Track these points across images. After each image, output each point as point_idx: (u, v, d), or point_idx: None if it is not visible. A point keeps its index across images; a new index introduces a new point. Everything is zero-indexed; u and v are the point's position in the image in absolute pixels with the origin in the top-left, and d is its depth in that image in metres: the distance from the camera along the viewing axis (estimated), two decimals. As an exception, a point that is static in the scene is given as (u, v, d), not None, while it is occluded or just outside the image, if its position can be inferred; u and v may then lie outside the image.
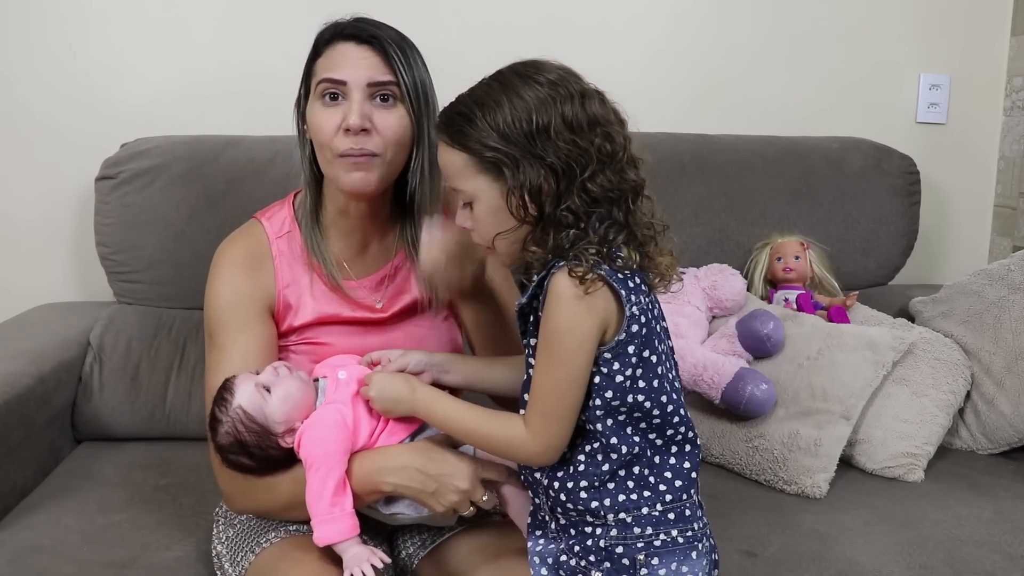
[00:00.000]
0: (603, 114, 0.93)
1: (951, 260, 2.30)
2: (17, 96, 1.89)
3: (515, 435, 0.96)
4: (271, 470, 1.09)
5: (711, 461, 1.63)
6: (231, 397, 1.07)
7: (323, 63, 1.14)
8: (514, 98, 0.91)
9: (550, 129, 0.90)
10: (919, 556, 1.31)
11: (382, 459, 1.05)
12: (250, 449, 1.07)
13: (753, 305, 1.77)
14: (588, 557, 0.97)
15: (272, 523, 1.16)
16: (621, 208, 0.93)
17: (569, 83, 0.93)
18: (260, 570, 1.10)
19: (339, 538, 1.02)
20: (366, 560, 1.00)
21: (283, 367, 1.10)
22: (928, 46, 2.21)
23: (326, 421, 1.05)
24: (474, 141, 0.92)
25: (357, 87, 1.10)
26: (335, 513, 1.01)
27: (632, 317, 0.91)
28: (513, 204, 0.91)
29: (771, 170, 1.98)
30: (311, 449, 1.04)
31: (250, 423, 1.06)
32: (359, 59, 1.11)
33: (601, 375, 0.93)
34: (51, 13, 1.88)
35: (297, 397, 1.07)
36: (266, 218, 1.23)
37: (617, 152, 0.92)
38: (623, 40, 2.07)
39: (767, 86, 2.16)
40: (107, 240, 1.76)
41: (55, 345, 1.64)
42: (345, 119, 1.10)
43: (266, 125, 1.87)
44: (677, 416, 0.97)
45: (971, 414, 1.70)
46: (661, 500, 0.97)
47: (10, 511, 1.38)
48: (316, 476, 1.02)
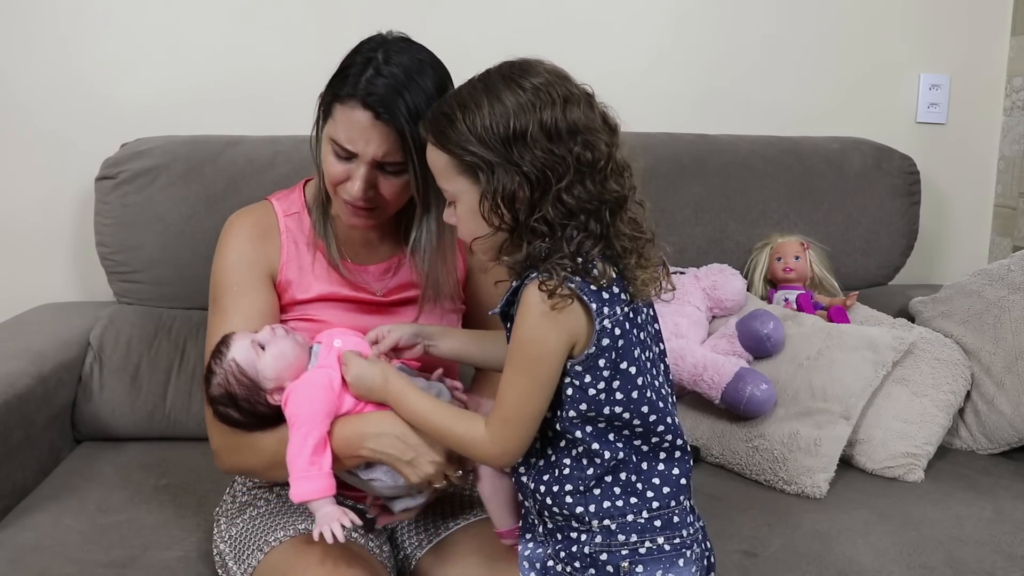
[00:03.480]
0: (586, 121, 0.91)
1: (951, 260, 2.30)
2: (17, 96, 1.89)
3: (476, 436, 0.97)
4: (258, 426, 1.12)
5: (711, 461, 1.63)
6: (227, 350, 1.10)
7: (339, 118, 1.11)
8: (494, 102, 0.90)
9: (527, 135, 0.88)
10: (919, 556, 1.31)
11: (364, 425, 1.06)
12: (239, 402, 1.10)
13: (753, 305, 1.77)
14: (573, 563, 0.97)
15: (280, 522, 1.16)
16: (600, 220, 0.91)
17: (553, 88, 0.91)
18: (273, 568, 1.10)
19: (314, 495, 1.03)
20: (336, 519, 1.01)
21: (281, 328, 1.13)
22: (928, 46, 2.21)
23: (313, 382, 1.07)
24: (453, 143, 0.92)
25: (365, 161, 1.11)
26: (312, 471, 1.02)
27: (603, 331, 0.91)
28: (485, 209, 0.91)
29: (771, 170, 1.98)
30: (296, 408, 1.06)
31: (241, 376, 1.09)
32: (372, 134, 1.09)
33: (573, 387, 0.93)
34: (51, 13, 1.88)
35: (290, 357, 1.09)
36: (276, 199, 1.28)
37: (598, 161, 0.90)
38: (624, 41, 2.07)
39: (767, 86, 2.16)
40: (107, 240, 1.76)
41: (55, 345, 1.64)
42: (350, 182, 1.12)
43: (266, 125, 1.88)
44: (662, 425, 0.96)
45: (971, 414, 1.70)
46: (648, 507, 0.96)
47: (10, 511, 1.38)
48: (298, 433, 1.04)
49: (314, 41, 1.94)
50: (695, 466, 1.58)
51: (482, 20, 2.01)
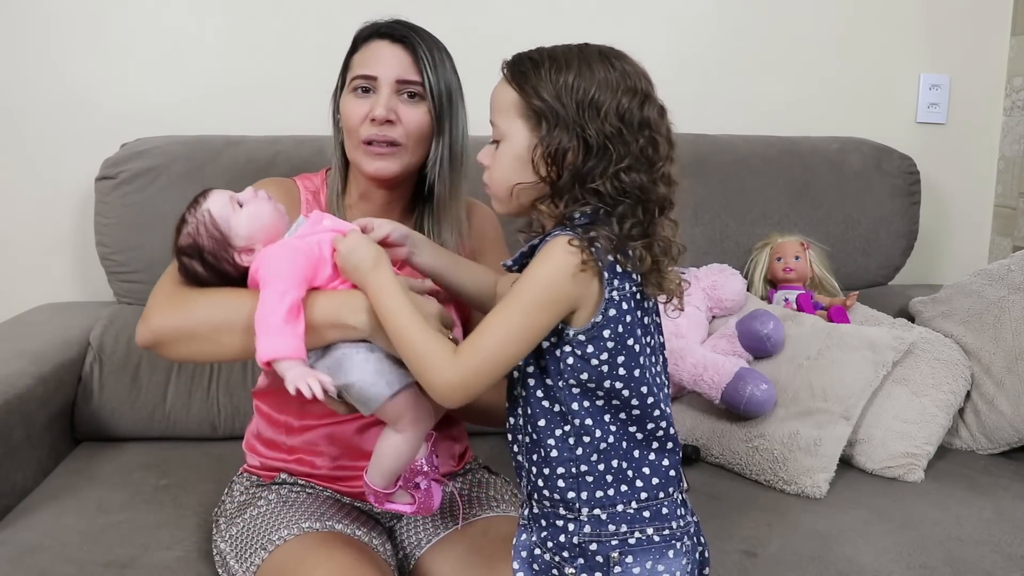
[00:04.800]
0: (656, 123, 0.95)
1: (951, 260, 2.30)
2: (17, 96, 1.89)
3: (440, 355, 0.93)
4: (217, 285, 1.09)
5: (711, 461, 1.63)
6: (203, 201, 1.09)
7: (359, 59, 1.23)
8: (584, 69, 0.93)
9: (601, 109, 0.92)
10: (919, 556, 1.31)
11: (352, 297, 1.03)
12: (205, 256, 1.08)
13: (753, 305, 1.77)
14: (562, 553, 0.97)
15: (283, 520, 1.16)
16: (648, 211, 0.94)
17: (640, 81, 0.95)
18: (281, 565, 1.09)
19: (285, 353, 0.97)
20: (311, 375, 0.95)
21: (264, 193, 1.11)
22: (928, 46, 2.21)
23: (294, 247, 1.04)
24: (529, 85, 0.94)
25: (386, 83, 1.19)
26: (286, 330, 0.97)
27: (610, 301, 0.92)
28: (537, 155, 0.93)
29: (771, 170, 1.98)
30: (274, 267, 1.01)
31: (213, 229, 1.07)
32: (391, 57, 1.20)
33: (575, 356, 0.93)
34: (51, 14, 1.88)
35: (266, 220, 1.08)
36: (300, 177, 1.34)
37: (657, 161, 0.95)
38: (624, 41, 2.05)
39: (767, 86, 2.16)
40: (107, 240, 1.76)
41: (55, 345, 1.64)
42: (373, 110, 1.19)
43: (266, 125, 1.88)
44: (658, 410, 0.97)
45: (971, 414, 1.70)
46: (636, 497, 0.97)
47: (10, 511, 1.38)
48: (274, 292, 0.99)
49: (314, 41, 1.94)
50: (695, 466, 1.61)
51: (482, 20, 2.01)
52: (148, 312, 1.12)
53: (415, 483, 1.07)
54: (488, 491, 1.28)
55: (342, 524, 1.16)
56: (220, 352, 1.10)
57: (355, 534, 1.15)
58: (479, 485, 1.30)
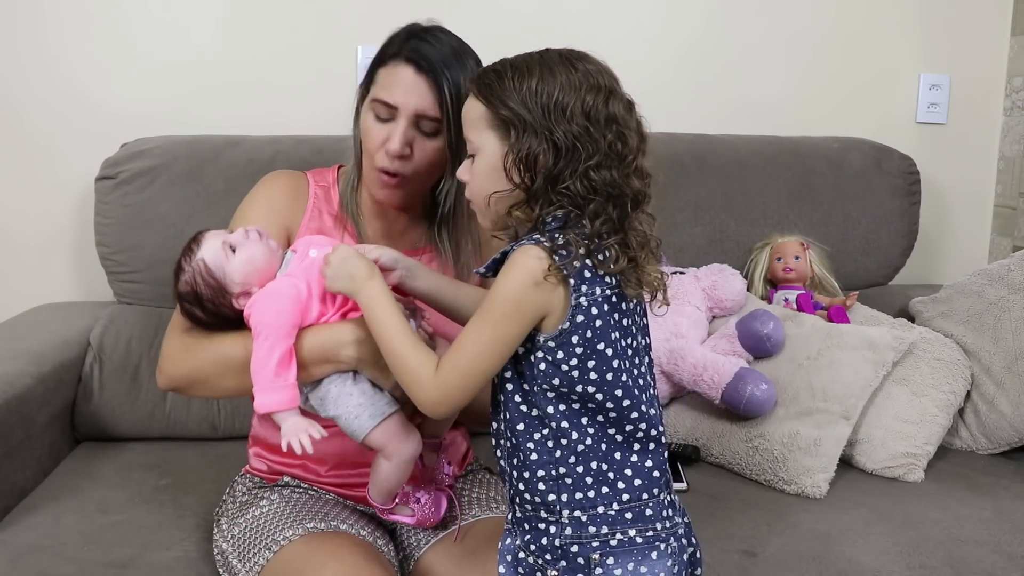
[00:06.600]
0: (624, 117, 0.96)
1: (951, 260, 2.30)
2: (17, 96, 1.89)
3: (424, 371, 0.96)
4: (220, 327, 1.11)
5: (711, 461, 1.63)
6: (197, 249, 1.10)
7: (382, 79, 1.18)
8: (546, 73, 0.94)
9: (567, 110, 0.93)
10: (919, 556, 1.31)
11: (340, 333, 1.06)
12: (204, 302, 1.10)
13: (753, 305, 1.77)
14: (544, 555, 0.97)
15: (287, 521, 1.16)
16: (621, 208, 0.94)
17: (603, 78, 0.96)
18: (286, 565, 1.09)
19: (279, 407, 1.02)
20: (303, 430, 1.01)
21: (255, 231, 1.12)
22: (928, 46, 2.21)
23: (281, 293, 1.06)
24: (495, 96, 0.95)
25: (405, 114, 1.16)
26: (278, 383, 1.02)
27: (577, 307, 0.92)
28: (509, 162, 0.94)
29: (771, 170, 1.98)
30: (262, 317, 1.04)
31: (208, 277, 1.09)
32: (414, 87, 1.15)
33: (546, 362, 0.94)
34: (50, 13, 1.88)
35: (259, 262, 1.09)
36: (311, 172, 1.33)
37: (627, 155, 0.95)
38: (624, 41, 2.07)
39: (767, 86, 2.16)
40: (107, 240, 1.76)
41: (55, 345, 1.64)
42: (390, 139, 1.16)
43: (266, 125, 1.88)
44: (636, 412, 0.96)
45: (971, 414, 1.71)
46: (618, 499, 0.96)
47: (10, 511, 1.38)
48: (264, 345, 1.03)
49: (314, 41, 1.94)
50: (695, 466, 1.61)
51: (481, 21, 2.00)
52: (161, 361, 1.18)
53: (416, 498, 1.13)
54: (488, 491, 1.29)
55: (347, 524, 1.16)
56: (227, 393, 1.16)
57: (360, 534, 1.15)
58: (480, 485, 1.30)
